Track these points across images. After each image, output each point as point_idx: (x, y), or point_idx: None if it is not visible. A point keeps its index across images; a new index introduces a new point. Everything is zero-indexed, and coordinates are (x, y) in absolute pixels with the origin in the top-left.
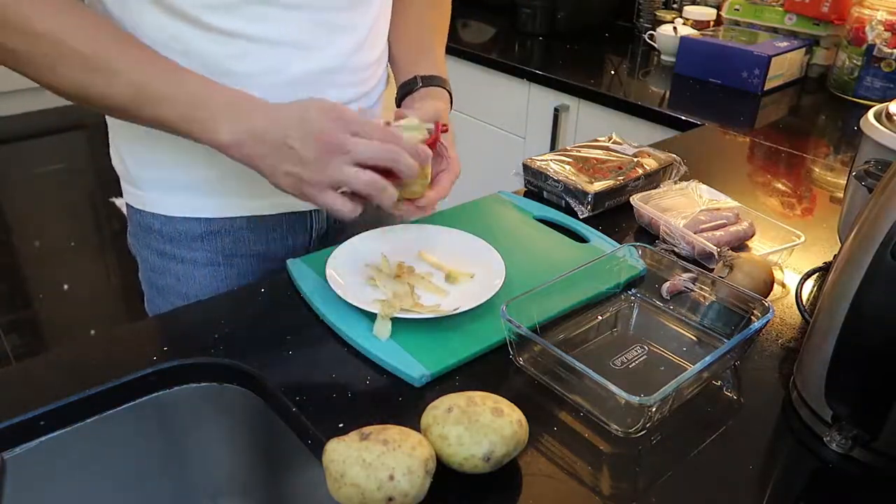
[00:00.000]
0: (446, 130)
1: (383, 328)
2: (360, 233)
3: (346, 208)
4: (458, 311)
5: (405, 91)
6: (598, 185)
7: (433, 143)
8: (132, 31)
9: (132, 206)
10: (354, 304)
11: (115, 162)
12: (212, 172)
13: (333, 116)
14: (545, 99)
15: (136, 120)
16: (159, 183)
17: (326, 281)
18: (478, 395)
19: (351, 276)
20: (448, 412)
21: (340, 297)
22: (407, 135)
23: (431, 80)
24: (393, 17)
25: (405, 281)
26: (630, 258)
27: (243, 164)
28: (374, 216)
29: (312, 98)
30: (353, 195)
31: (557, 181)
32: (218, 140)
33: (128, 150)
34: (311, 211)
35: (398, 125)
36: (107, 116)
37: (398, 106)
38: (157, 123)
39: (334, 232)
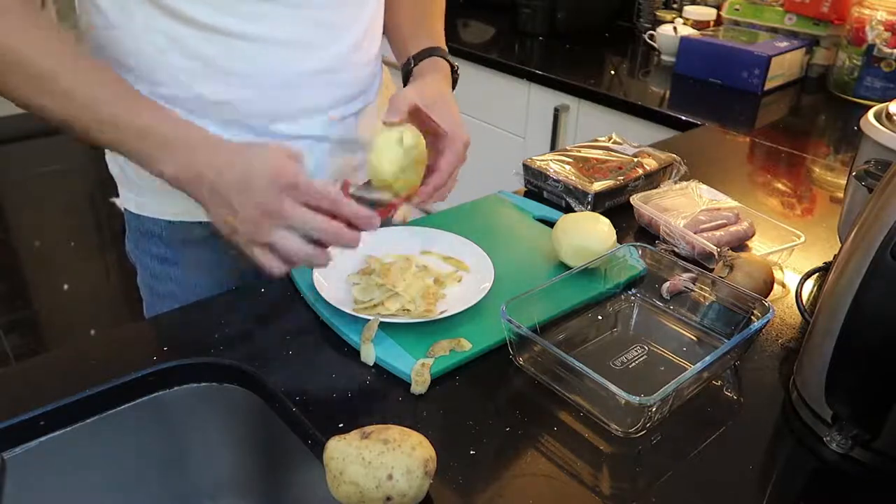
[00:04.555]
0: (408, 199)
1: (368, 353)
2: None
3: (273, 267)
4: (444, 315)
5: (405, 73)
6: (598, 185)
7: (392, 208)
8: (127, 31)
9: (131, 212)
10: (339, 307)
11: (112, 168)
12: None
13: (283, 185)
14: (545, 99)
15: (92, 143)
16: (158, 188)
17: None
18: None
19: (338, 280)
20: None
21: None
22: (366, 196)
23: (427, 53)
24: (387, 3)
25: (392, 284)
26: (630, 258)
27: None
28: None
29: (263, 151)
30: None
31: (557, 181)
32: (161, 173)
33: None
34: None
35: (358, 188)
36: None
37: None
38: (109, 148)
39: None
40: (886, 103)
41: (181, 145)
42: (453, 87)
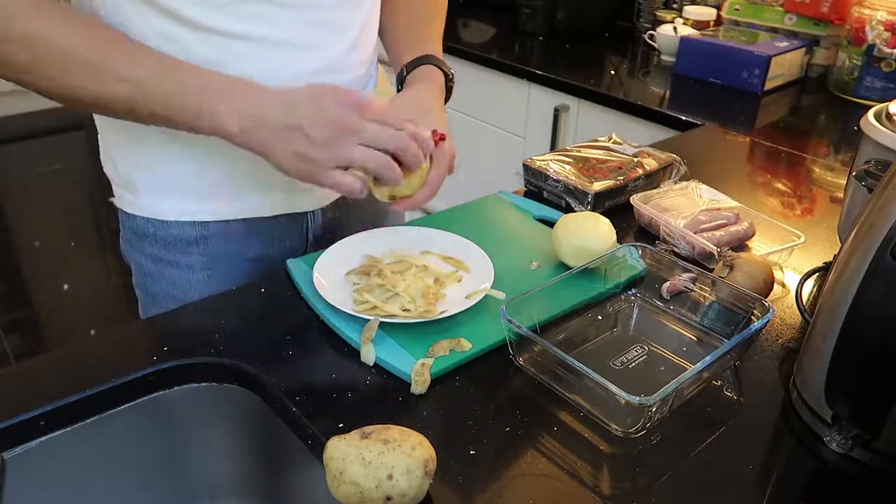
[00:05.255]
0: (444, 139)
1: (368, 353)
2: (352, 235)
3: (355, 186)
4: (444, 315)
5: (399, 81)
6: (598, 185)
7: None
8: (124, 32)
9: (125, 212)
10: (339, 307)
11: (106, 167)
12: (206, 176)
13: (349, 102)
14: (545, 99)
15: (142, 119)
16: (153, 187)
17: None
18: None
19: (338, 280)
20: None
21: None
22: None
23: (420, 62)
24: (384, 10)
25: (391, 285)
26: (630, 258)
27: (249, 150)
28: (369, 215)
29: (325, 84)
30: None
31: (557, 181)
32: (226, 129)
33: (120, 154)
34: (306, 212)
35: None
36: (97, 120)
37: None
38: (163, 120)
39: (330, 234)
40: (886, 103)
41: (239, 93)
42: (449, 95)
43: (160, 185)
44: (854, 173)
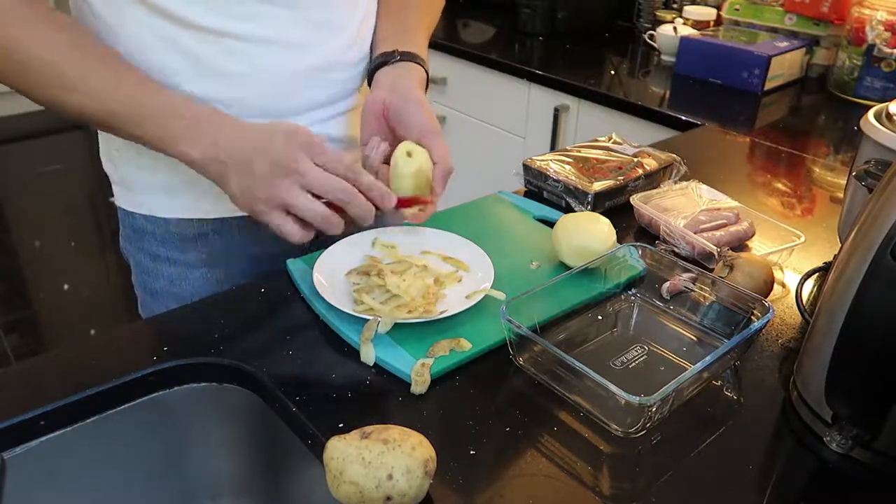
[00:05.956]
0: (427, 202)
1: (368, 353)
2: (353, 234)
3: (292, 232)
4: (444, 315)
5: (380, 62)
6: (599, 185)
7: (414, 200)
8: (121, 32)
9: (124, 209)
10: (339, 307)
11: (105, 165)
12: None
13: (300, 142)
14: (545, 99)
15: (115, 134)
16: (151, 185)
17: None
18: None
19: (338, 280)
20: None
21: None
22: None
23: (411, 57)
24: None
25: (391, 285)
26: (630, 258)
27: (205, 176)
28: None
29: (288, 122)
30: (305, 222)
31: (557, 181)
32: (189, 157)
33: (119, 152)
34: None
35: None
36: None
37: (369, 79)
38: (133, 139)
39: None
40: (886, 103)
41: (207, 123)
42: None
43: (159, 182)
44: (854, 173)
